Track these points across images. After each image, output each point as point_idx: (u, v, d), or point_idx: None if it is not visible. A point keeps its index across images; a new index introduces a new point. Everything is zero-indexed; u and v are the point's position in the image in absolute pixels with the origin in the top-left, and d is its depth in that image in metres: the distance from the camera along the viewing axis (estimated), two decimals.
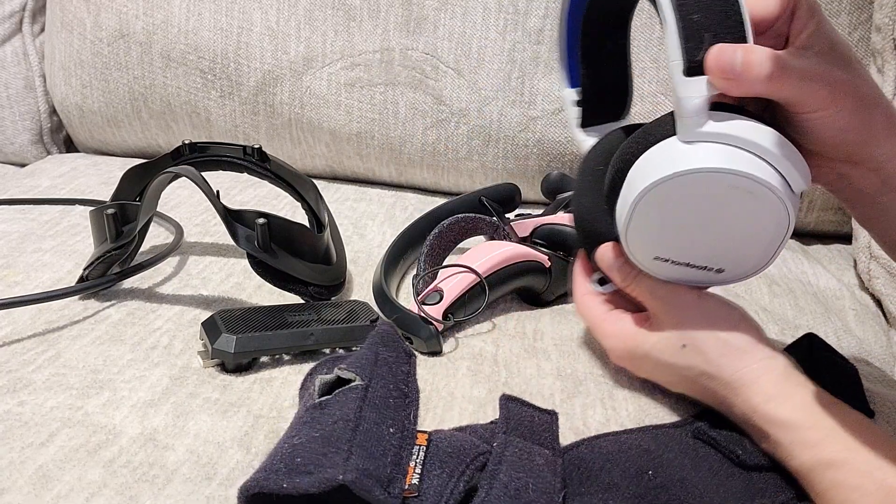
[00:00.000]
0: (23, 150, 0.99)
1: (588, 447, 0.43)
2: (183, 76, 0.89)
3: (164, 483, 0.40)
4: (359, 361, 0.44)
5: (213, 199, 0.53)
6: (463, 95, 0.83)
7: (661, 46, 0.80)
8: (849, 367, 0.49)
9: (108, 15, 0.89)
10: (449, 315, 0.55)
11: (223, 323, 0.51)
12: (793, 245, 0.79)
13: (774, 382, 0.42)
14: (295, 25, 0.85)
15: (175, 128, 0.93)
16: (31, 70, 0.98)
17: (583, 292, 0.52)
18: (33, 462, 0.41)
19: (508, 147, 0.83)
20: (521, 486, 0.37)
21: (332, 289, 0.59)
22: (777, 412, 0.41)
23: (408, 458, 0.38)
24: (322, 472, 0.35)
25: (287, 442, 0.38)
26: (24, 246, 0.67)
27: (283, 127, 0.89)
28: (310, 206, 0.65)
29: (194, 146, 0.65)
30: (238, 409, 0.46)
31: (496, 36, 0.82)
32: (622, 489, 0.39)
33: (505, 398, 0.44)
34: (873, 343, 0.62)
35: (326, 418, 0.39)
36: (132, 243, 0.57)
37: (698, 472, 0.41)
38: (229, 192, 0.81)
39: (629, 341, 0.48)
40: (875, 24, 0.75)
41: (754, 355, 0.43)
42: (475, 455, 0.39)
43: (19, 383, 0.47)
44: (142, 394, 0.47)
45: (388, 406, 0.41)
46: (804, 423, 0.40)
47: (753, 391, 0.42)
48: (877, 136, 0.41)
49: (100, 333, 0.53)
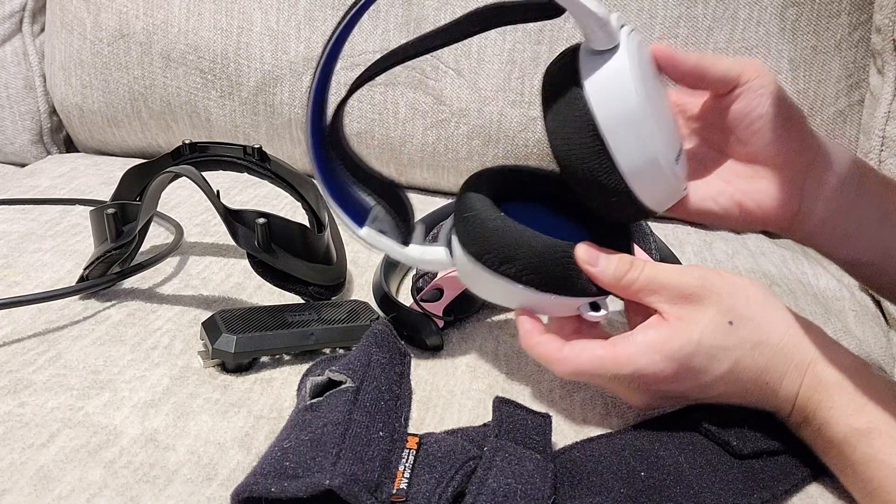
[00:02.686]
0: (23, 150, 0.99)
1: (580, 450, 0.43)
2: (183, 76, 0.89)
3: (164, 484, 0.40)
4: (351, 363, 0.44)
5: (213, 198, 0.53)
6: (463, 95, 0.83)
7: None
8: None
9: (108, 15, 0.89)
10: (449, 312, 0.55)
11: (223, 323, 0.51)
12: (793, 245, 0.79)
13: (818, 342, 0.42)
14: (295, 25, 0.85)
15: (175, 128, 0.93)
16: (31, 70, 0.98)
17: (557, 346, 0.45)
18: (34, 463, 0.41)
19: (508, 147, 0.83)
20: (509, 491, 0.37)
21: (332, 289, 0.59)
22: (825, 373, 0.41)
23: (397, 461, 0.38)
24: (310, 477, 0.35)
25: (277, 445, 0.38)
26: (24, 246, 0.67)
27: (283, 127, 0.89)
28: (310, 206, 0.65)
29: (194, 146, 0.65)
30: (238, 410, 0.46)
31: (496, 36, 0.82)
32: (614, 491, 0.39)
33: (499, 401, 0.44)
34: (873, 344, 0.62)
35: (317, 421, 0.39)
36: (132, 243, 0.57)
37: (694, 468, 0.41)
38: (229, 192, 0.81)
39: (674, 341, 0.42)
40: (875, 25, 0.75)
41: (794, 319, 0.43)
42: (465, 460, 0.39)
43: (20, 384, 0.47)
44: (142, 394, 0.47)
45: (379, 409, 0.41)
46: (849, 384, 0.41)
47: (804, 351, 0.42)
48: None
49: (100, 334, 0.53)
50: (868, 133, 0.76)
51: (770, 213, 0.46)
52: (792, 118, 0.46)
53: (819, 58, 0.79)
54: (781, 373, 0.42)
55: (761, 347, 0.42)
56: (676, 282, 0.43)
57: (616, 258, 0.44)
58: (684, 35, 0.80)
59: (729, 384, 0.43)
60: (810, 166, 0.46)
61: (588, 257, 0.44)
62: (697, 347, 0.42)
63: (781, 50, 0.79)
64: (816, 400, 0.41)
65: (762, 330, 0.43)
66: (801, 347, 0.42)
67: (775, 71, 0.79)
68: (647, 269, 0.44)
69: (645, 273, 0.44)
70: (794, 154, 0.46)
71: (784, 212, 0.46)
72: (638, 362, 0.42)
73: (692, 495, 0.40)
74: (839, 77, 0.79)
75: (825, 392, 0.41)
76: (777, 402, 0.43)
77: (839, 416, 0.40)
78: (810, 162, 0.46)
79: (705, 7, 0.79)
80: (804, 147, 0.46)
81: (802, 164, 0.46)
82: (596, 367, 0.43)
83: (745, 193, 0.47)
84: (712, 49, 0.79)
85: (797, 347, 0.42)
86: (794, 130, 0.46)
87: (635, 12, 0.80)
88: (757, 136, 0.46)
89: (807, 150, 0.46)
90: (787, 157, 0.46)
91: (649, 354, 0.42)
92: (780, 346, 0.42)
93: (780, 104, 0.45)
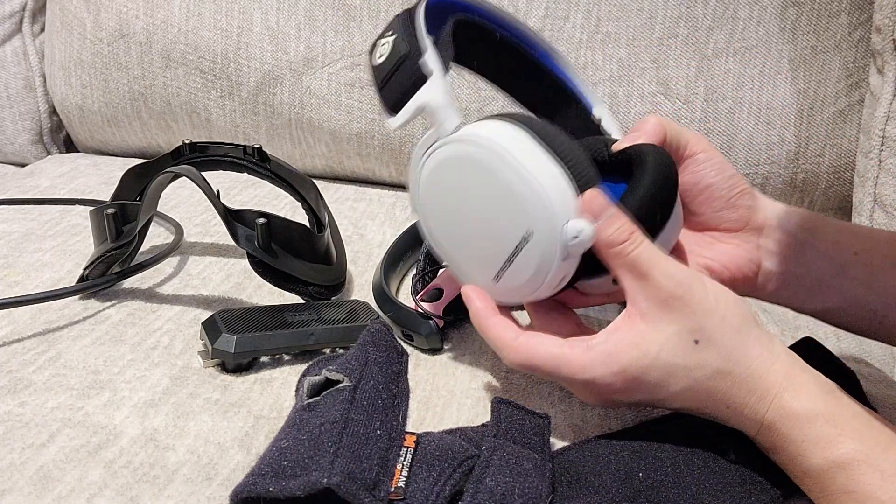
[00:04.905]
0: (23, 150, 0.99)
1: (579, 451, 0.43)
2: (183, 76, 0.89)
3: (164, 483, 0.40)
4: (348, 362, 0.44)
5: (213, 198, 0.53)
6: (463, 95, 0.83)
7: (661, 46, 0.80)
8: (847, 371, 0.49)
9: (108, 15, 0.89)
10: (449, 312, 0.55)
11: (223, 323, 0.51)
12: None
13: (786, 372, 0.40)
14: (295, 25, 0.85)
15: (175, 128, 0.93)
16: (31, 70, 0.98)
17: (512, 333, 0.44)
18: (34, 463, 0.41)
19: None
20: (507, 490, 0.37)
21: (332, 289, 0.59)
22: (792, 404, 0.39)
23: (395, 460, 0.38)
24: (307, 476, 0.35)
25: (275, 445, 0.38)
26: (24, 246, 0.67)
27: (283, 127, 0.89)
28: (310, 206, 0.65)
29: (194, 146, 0.65)
30: (238, 410, 0.46)
31: None
32: (612, 491, 0.39)
33: (497, 401, 0.44)
34: (873, 344, 0.62)
35: (314, 420, 0.39)
36: (132, 243, 0.57)
37: (692, 470, 0.41)
38: (229, 192, 0.81)
39: (631, 351, 0.41)
40: (875, 25, 0.75)
41: (765, 346, 0.41)
42: (463, 458, 0.39)
43: (20, 384, 0.47)
44: (142, 394, 0.47)
45: (377, 407, 0.41)
46: (820, 414, 0.38)
47: (769, 382, 0.39)
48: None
49: (100, 333, 0.54)
50: (868, 133, 0.76)
51: (736, 272, 0.50)
52: (737, 185, 0.49)
53: (819, 58, 0.79)
54: (743, 402, 0.40)
55: (723, 375, 0.40)
56: (659, 277, 0.40)
57: (623, 220, 0.42)
58: (684, 35, 0.80)
59: (687, 401, 0.41)
60: (762, 227, 0.50)
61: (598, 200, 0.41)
62: (654, 362, 0.40)
63: (781, 50, 0.79)
64: (784, 432, 0.39)
65: (728, 359, 0.40)
66: (769, 379, 0.40)
67: (775, 71, 0.79)
68: (644, 248, 0.41)
69: (640, 249, 0.41)
70: (745, 219, 0.50)
71: (748, 271, 0.50)
72: (592, 372, 0.41)
73: (690, 497, 0.40)
74: (839, 77, 0.79)
75: (793, 423, 0.39)
76: (741, 424, 0.41)
77: (813, 448, 0.38)
78: (762, 223, 0.50)
79: (705, 7, 0.79)
80: (753, 210, 0.50)
81: (755, 226, 0.50)
82: (550, 366, 0.42)
83: (709, 259, 0.50)
84: (712, 49, 0.80)
85: (763, 379, 0.40)
86: (743, 196, 0.49)
87: (635, 12, 0.80)
88: (706, 206, 0.50)
89: (757, 213, 0.50)
90: (739, 222, 0.50)
91: (604, 366, 0.41)
92: (744, 377, 0.40)
93: (723, 173, 0.49)
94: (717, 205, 0.49)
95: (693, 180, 0.49)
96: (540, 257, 0.42)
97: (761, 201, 0.50)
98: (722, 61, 0.80)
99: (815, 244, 0.49)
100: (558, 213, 0.41)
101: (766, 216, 0.50)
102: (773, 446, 0.40)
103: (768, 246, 0.50)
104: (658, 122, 0.48)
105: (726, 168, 0.49)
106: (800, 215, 0.50)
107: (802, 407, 0.39)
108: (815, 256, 0.49)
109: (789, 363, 0.41)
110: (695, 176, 0.49)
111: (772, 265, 0.50)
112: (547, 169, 0.41)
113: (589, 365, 0.41)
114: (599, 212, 0.41)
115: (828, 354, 0.49)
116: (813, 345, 0.50)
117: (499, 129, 0.43)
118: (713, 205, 0.49)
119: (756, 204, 0.50)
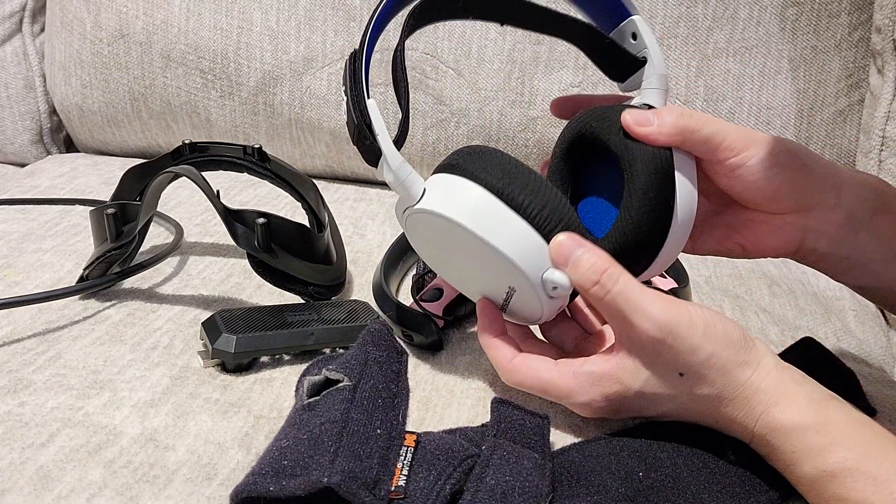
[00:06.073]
0: (23, 150, 0.99)
1: (578, 451, 0.43)
2: (183, 76, 0.89)
3: (164, 483, 0.40)
4: (348, 362, 0.44)
5: (213, 198, 0.53)
6: (463, 95, 0.83)
7: (661, 46, 0.80)
8: (847, 371, 0.49)
9: (108, 15, 0.89)
10: (449, 312, 0.55)
11: (223, 323, 0.51)
12: None
13: (776, 387, 0.40)
14: (295, 25, 0.85)
15: (175, 128, 0.93)
16: (31, 70, 0.98)
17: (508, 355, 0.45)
18: (34, 462, 0.41)
19: (508, 147, 0.83)
20: (507, 489, 0.37)
21: (332, 289, 0.59)
22: (780, 417, 0.39)
23: (395, 459, 0.38)
24: (308, 475, 0.35)
25: (276, 444, 0.38)
26: (24, 246, 0.67)
27: (283, 127, 0.89)
28: (310, 206, 0.65)
29: (194, 146, 0.65)
30: (238, 410, 0.46)
31: (496, 36, 0.82)
32: (612, 491, 0.39)
33: (497, 401, 0.44)
34: (873, 344, 0.62)
35: (314, 420, 0.39)
36: (132, 243, 0.57)
37: (692, 470, 0.41)
38: (229, 192, 0.81)
39: (613, 385, 0.41)
40: (875, 25, 0.75)
41: (755, 367, 0.40)
42: (463, 457, 0.39)
43: (20, 384, 0.47)
44: (142, 394, 0.47)
45: (377, 406, 0.41)
46: (810, 426, 0.38)
47: (757, 400, 0.39)
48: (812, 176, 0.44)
49: (100, 333, 0.54)
50: (868, 133, 0.76)
51: (772, 253, 0.47)
52: (786, 163, 0.44)
53: (819, 58, 0.79)
54: (731, 418, 0.41)
55: (709, 398, 0.40)
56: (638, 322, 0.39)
57: (596, 255, 0.41)
58: (684, 35, 0.80)
59: (677, 416, 0.43)
60: (815, 206, 0.45)
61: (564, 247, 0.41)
62: (637, 393, 0.41)
63: (781, 50, 0.79)
64: (774, 444, 0.39)
65: (713, 385, 0.40)
66: (756, 397, 0.40)
67: (775, 71, 0.79)
68: (620, 288, 0.40)
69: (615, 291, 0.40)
70: (792, 205, 0.45)
71: (785, 251, 0.47)
72: (578, 397, 0.43)
73: (690, 497, 0.40)
74: (839, 77, 0.79)
75: (783, 436, 0.39)
76: (733, 434, 0.42)
77: (804, 458, 0.38)
78: (814, 203, 0.45)
79: (705, 7, 0.79)
80: (806, 188, 0.45)
81: (805, 205, 0.45)
82: (538, 388, 0.44)
83: (744, 239, 0.48)
84: (712, 49, 0.80)
85: (751, 399, 0.40)
86: (791, 174, 0.44)
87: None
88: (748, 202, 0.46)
89: (809, 191, 0.45)
90: (785, 208, 0.45)
91: (587, 393, 0.42)
92: (731, 398, 0.40)
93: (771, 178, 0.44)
94: (760, 201, 0.45)
95: (732, 186, 0.45)
96: (530, 302, 0.44)
97: (823, 175, 0.45)
98: (722, 61, 0.80)
99: (872, 228, 0.46)
100: (531, 269, 0.42)
101: (824, 193, 0.45)
102: (766, 455, 0.41)
103: (817, 226, 0.45)
104: (675, 124, 0.43)
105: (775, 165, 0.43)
106: (867, 192, 0.46)
107: (791, 420, 0.39)
108: (867, 241, 0.46)
109: (779, 378, 0.40)
110: (734, 182, 0.44)
111: (816, 244, 0.46)
112: (512, 228, 0.42)
113: (575, 390, 0.43)
114: (567, 257, 0.41)
115: (828, 354, 0.49)
116: (813, 345, 0.50)
117: (459, 195, 0.43)
118: (755, 201, 0.45)
119: (812, 182, 0.45)
